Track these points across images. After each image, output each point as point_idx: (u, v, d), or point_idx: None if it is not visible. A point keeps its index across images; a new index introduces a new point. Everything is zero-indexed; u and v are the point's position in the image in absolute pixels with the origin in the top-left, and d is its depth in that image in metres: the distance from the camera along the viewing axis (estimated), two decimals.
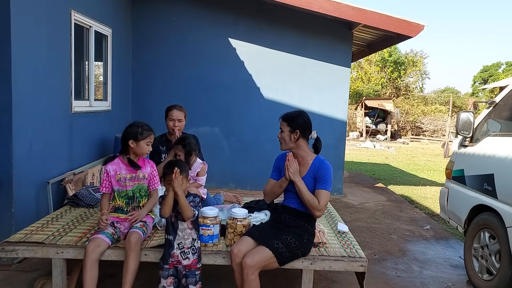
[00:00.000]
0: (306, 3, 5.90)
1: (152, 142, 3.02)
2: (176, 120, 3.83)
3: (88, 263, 2.58)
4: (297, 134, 2.80)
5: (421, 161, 13.95)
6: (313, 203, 2.71)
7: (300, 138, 2.82)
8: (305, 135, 2.84)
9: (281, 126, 2.86)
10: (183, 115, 3.88)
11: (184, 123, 3.92)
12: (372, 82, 34.15)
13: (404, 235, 5.12)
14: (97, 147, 5.30)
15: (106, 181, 2.92)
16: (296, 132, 2.80)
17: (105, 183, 2.92)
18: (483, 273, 3.53)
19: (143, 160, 3.05)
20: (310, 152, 2.89)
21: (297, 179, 2.75)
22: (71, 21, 4.42)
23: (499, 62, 41.37)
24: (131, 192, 2.96)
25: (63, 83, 4.35)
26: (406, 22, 5.98)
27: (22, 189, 3.66)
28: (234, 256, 2.64)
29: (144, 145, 2.94)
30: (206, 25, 6.59)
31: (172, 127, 3.83)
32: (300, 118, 2.83)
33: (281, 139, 2.86)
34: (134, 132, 2.92)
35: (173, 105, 3.92)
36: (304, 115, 2.86)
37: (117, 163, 2.96)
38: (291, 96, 6.74)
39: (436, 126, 26.64)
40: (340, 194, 7.03)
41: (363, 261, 2.82)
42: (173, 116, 3.83)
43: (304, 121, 2.83)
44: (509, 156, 3.23)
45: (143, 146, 2.94)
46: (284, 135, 2.83)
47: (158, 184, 3.07)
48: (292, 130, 2.81)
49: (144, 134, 2.94)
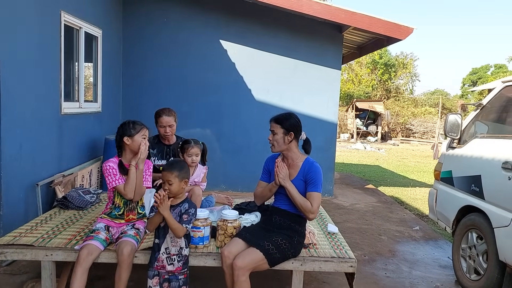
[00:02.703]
0: (297, 5, 5.93)
1: (147, 137, 2.96)
2: (167, 126, 3.75)
3: (79, 271, 2.54)
4: (292, 135, 2.80)
5: (411, 163, 14.07)
6: (306, 207, 2.71)
7: (293, 140, 2.82)
8: (297, 137, 2.85)
9: (273, 128, 2.83)
10: (173, 119, 3.79)
11: (176, 126, 3.85)
12: (363, 84, 34.39)
13: (394, 236, 5.17)
14: (87, 149, 5.27)
15: (113, 175, 2.84)
16: (290, 134, 2.80)
17: (113, 177, 2.84)
18: (471, 273, 3.58)
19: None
20: (300, 154, 2.89)
21: (287, 184, 2.74)
22: (61, 22, 4.39)
23: (487, 64, 41.95)
24: None
25: (52, 84, 4.32)
26: (396, 25, 6.04)
27: (10, 191, 3.63)
28: (225, 257, 2.64)
29: (139, 138, 2.88)
30: (197, 26, 6.59)
31: (164, 133, 3.78)
32: (292, 119, 2.84)
33: (274, 141, 2.83)
34: (127, 128, 2.89)
35: (161, 110, 3.79)
36: (295, 116, 2.88)
37: (115, 162, 2.93)
38: (282, 98, 6.77)
39: (426, 128, 26.89)
40: (331, 195, 7.07)
41: (353, 261, 2.84)
42: (163, 123, 3.75)
43: (296, 122, 2.84)
44: (496, 157, 3.28)
45: (138, 140, 2.88)
46: (278, 137, 2.81)
47: (149, 183, 3.02)
48: (286, 132, 2.80)
49: (137, 128, 2.90)
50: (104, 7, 5.74)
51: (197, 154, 3.56)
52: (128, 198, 2.85)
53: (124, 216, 2.92)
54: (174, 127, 3.81)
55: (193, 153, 3.54)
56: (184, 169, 2.62)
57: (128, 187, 2.82)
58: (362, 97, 30.84)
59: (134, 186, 2.83)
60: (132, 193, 2.84)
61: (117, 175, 2.86)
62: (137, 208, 2.98)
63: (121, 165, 2.91)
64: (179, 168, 2.57)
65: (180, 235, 2.53)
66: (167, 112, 3.76)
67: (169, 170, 2.54)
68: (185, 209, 2.58)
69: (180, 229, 2.50)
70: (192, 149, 3.53)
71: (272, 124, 2.85)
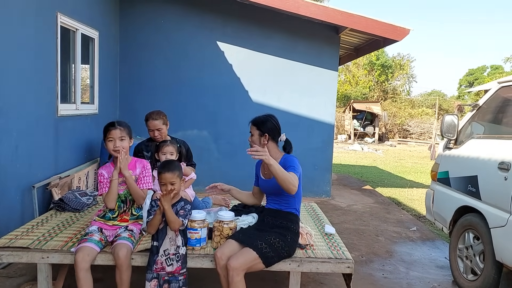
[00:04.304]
0: (293, 7, 5.94)
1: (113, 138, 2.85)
2: (155, 130, 3.70)
3: (81, 274, 2.54)
4: (266, 137, 2.90)
5: (408, 164, 14.10)
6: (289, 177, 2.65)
7: (269, 141, 2.91)
8: (274, 138, 2.94)
9: (251, 130, 2.96)
10: (161, 123, 3.71)
11: (166, 128, 3.78)
12: (360, 85, 34.47)
13: (391, 237, 5.18)
14: (84, 150, 5.25)
15: (101, 182, 2.89)
16: (265, 136, 2.90)
17: (101, 184, 2.89)
18: (467, 273, 3.58)
19: (135, 161, 3.00)
20: (279, 153, 2.96)
21: (271, 161, 2.64)
22: (57, 24, 4.39)
23: (484, 65, 42.15)
24: (123, 196, 2.92)
25: (49, 86, 4.31)
26: (392, 26, 6.06)
27: (6, 193, 3.62)
28: (218, 259, 2.64)
29: (107, 142, 2.86)
30: (195, 28, 6.59)
31: (153, 136, 3.75)
32: (269, 122, 2.93)
33: (251, 142, 2.95)
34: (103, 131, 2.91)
35: (149, 114, 3.72)
36: (273, 118, 2.97)
37: (109, 166, 2.94)
38: (279, 99, 6.78)
39: (423, 129, 26.97)
40: (328, 196, 7.07)
41: (350, 262, 2.84)
42: (150, 126, 3.72)
43: (273, 125, 2.93)
44: (492, 158, 3.29)
45: (107, 144, 2.86)
46: (254, 138, 2.93)
47: (150, 184, 3.01)
48: (261, 133, 2.91)
49: (105, 132, 2.89)
50: (101, 9, 5.74)
51: (172, 153, 3.50)
52: (108, 207, 2.87)
53: (118, 218, 2.92)
54: (163, 130, 3.74)
55: (167, 151, 3.51)
56: (180, 167, 2.67)
57: (107, 198, 2.83)
58: (359, 98, 30.91)
59: (115, 197, 2.84)
60: (113, 203, 2.84)
61: (105, 182, 2.87)
62: (131, 209, 2.98)
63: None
64: (178, 168, 2.62)
65: (176, 227, 2.56)
66: (154, 116, 3.70)
67: (171, 171, 2.56)
68: (181, 206, 2.62)
69: (177, 222, 2.53)
70: (166, 147, 3.51)
71: (250, 125, 2.98)
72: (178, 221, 2.54)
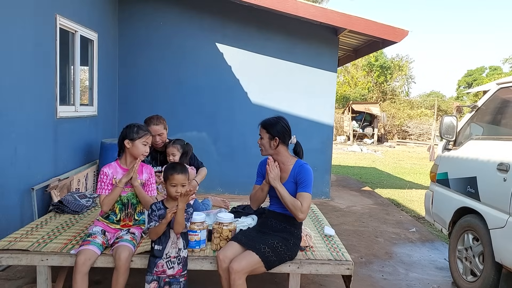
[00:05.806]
0: (292, 8, 5.95)
1: (149, 144, 2.93)
2: (156, 135, 3.61)
3: (79, 277, 2.53)
4: (276, 141, 2.81)
5: (407, 165, 14.10)
6: (296, 205, 2.69)
7: (279, 145, 2.83)
8: (284, 141, 2.85)
9: (261, 133, 2.87)
10: (162, 127, 3.65)
11: (166, 132, 3.73)
12: (359, 86, 34.50)
13: (391, 238, 5.18)
14: (83, 152, 5.25)
15: (103, 182, 2.82)
16: (275, 139, 2.81)
17: (102, 184, 2.82)
18: (467, 274, 3.59)
19: (141, 167, 2.97)
20: (290, 157, 2.90)
21: (278, 184, 2.74)
22: (56, 26, 4.39)
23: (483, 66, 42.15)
24: (125, 199, 2.89)
25: (48, 88, 4.31)
26: (391, 27, 6.08)
27: (5, 195, 3.61)
28: (220, 261, 2.64)
29: (139, 145, 2.85)
30: (194, 29, 6.59)
31: (154, 143, 3.63)
32: (279, 124, 2.84)
33: (261, 145, 2.88)
34: (130, 131, 2.86)
35: (149, 119, 3.63)
36: (283, 121, 2.87)
37: (114, 166, 2.90)
38: (278, 100, 6.78)
39: (422, 130, 26.96)
40: (327, 197, 7.07)
41: (349, 264, 2.85)
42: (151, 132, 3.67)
43: (283, 127, 2.84)
44: (491, 159, 3.30)
45: (139, 146, 2.85)
46: (264, 142, 2.84)
47: (155, 191, 3.01)
48: (271, 137, 2.82)
49: (140, 133, 2.87)
50: (100, 11, 5.74)
51: (174, 154, 3.55)
52: (103, 210, 2.86)
53: (121, 222, 2.91)
54: (164, 135, 3.68)
55: (169, 153, 3.56)
56: (185, 171, 2.67)
57: (106, 200, 2.80)
58: (358, 100, 30.93)
59: (113, 203, 2.82)
60: (108, 207, 2.83)
61: (107, 183, 2.84)
62: (134, 215, 2.96)
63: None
64: (186, 170, 2.66)
65: (180, 230, 2.58)
66: (155, 121, 3.61)
67: (182, 173, 2.59)
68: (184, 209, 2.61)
69: (183, 226, 2.56)
70: (167, 149, 3.58)
71: (260, 128, 2.89)
72: (184, 225, 2.56)
